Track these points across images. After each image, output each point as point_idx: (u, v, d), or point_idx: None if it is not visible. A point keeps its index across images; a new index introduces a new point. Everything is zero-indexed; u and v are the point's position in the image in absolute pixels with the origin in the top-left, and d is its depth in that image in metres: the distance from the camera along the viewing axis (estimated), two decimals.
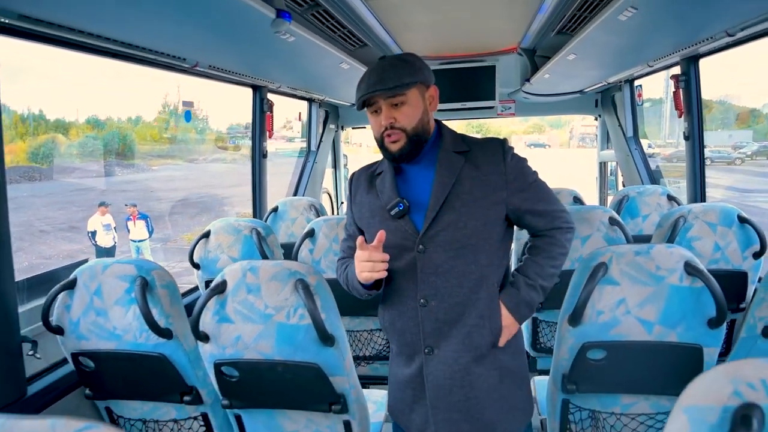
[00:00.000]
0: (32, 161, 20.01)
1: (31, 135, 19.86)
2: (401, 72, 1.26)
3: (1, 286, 1.45)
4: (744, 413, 0.62)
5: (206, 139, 25.11)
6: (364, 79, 1.29)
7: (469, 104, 3.95)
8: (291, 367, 1.41)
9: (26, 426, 0.61)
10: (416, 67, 1.30)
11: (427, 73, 1.32)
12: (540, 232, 1.36)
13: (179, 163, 23.28)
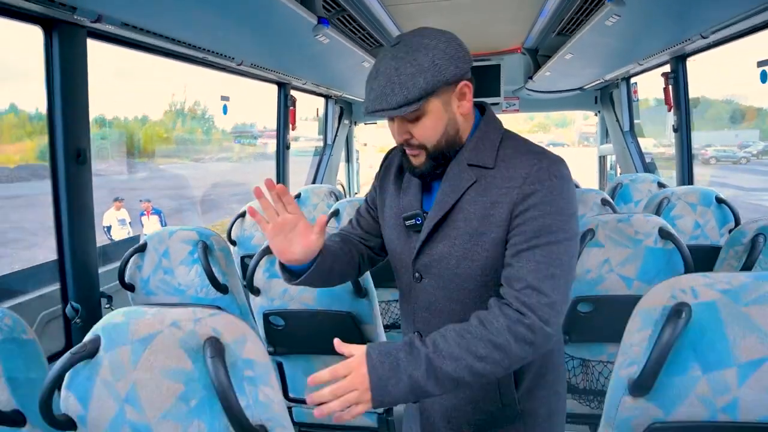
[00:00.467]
0: (41, 160, 20.25)
1: (39, 134, 20.13)
2: (411, 82, 0.93)
3: (85, 251, 1.74)
4: (677, 309, 0.90)
5: (212, 139, 25.40)
6: (368, 82, 0.99)
7: (476, 100, 4.21)
8: (329, 315, 1.68)
9: (174, 313, 0.89)
10: (436, 65, 0.94)
11: (454, 65, 0.96)
12: (503, 295, 0.96)
13: (186, 162, 23.60)
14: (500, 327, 0.91)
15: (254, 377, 0.85)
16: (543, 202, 0.95)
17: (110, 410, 0.88)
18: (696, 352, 0.91)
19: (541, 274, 0.93)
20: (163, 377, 0.85)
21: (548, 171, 0.96)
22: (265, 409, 0.86)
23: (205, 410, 0.86)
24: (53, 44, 1.57)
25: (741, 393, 0.91)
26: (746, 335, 0.89)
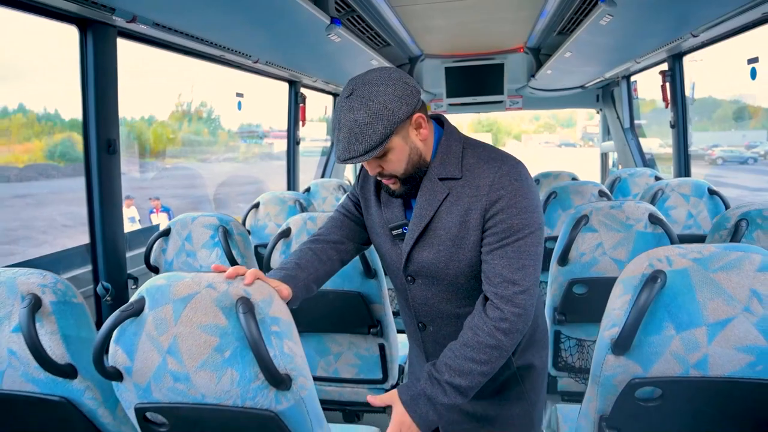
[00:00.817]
0: (49, 159, 20.46)
1: (47, 134, 20.36)
2: (371, 130, 1.04)
3: (114, 235, 1.87)
4: (653, 275, 1.02)
5: (218, 140, 25.53)
6: (334, 132, 1.10)
7: (480, 98, 4.33)
8: (340, 294, 1.80)
9: (210, 276, 1.02)
10: (389, 110, 1.05)
11: (405, 103, 1.07)
12: (484, 290, 1.13)
13: (192, 162, 23.77)
14: (489, 330, 1.09)
15: (280, 332, 0.98)
16: (508, 205, 1.10)
17: (154, 361, 1.00)
18: (670, 313, 1.03)
19: (513, 266, 1.10)
20: (200, 331, 0.98)
21: (509, 176, 1.11)
22: (290, 360, 0.98)
23: (237, 360, 0.98)
24: (87, 43, 1.71)
25: (710, 350, 1.02)
26: (714, 298, 1.01)
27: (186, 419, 1.05)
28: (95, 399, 1.16)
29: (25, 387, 1.14)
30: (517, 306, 1.09)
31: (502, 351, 1.10)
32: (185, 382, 1.00)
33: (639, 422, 1.14)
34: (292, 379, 0.99)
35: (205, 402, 1.02)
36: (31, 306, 1.07)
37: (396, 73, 1.10)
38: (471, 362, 1.08)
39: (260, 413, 1.00)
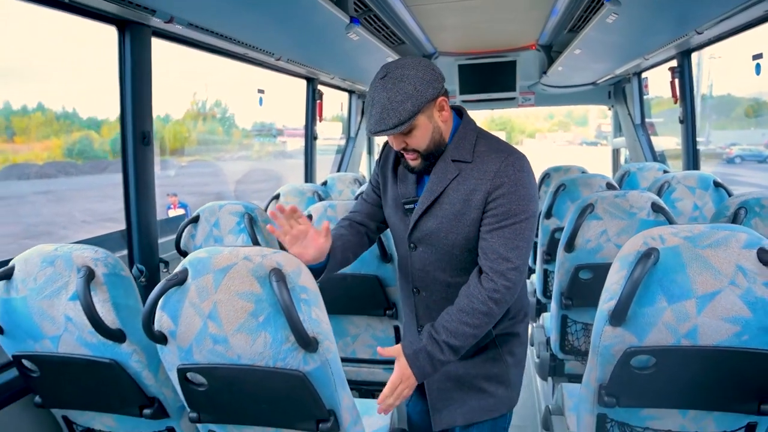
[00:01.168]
0: (68, 157, 20.82)
1: (66, 132, 20.74)
2: (401, 107, 1.17)
3: (147, 221, 2.00)
4: (647, 252, 1.12)
5: (232, 138, 25.75)
6: (367, 108, 1.23)
7: (493, 95, 4.42)
8: (358, 278, 1.92)
9: (245, 250, 1.13)
10: (417, 90, 1.19)
11: (432, 87, 1.22)
12: (480, 264, 1.28)
13: (207, 160, 24.06)
14: (483, 299, 1.24)
15: (308, 299, 1.09)
16: (509, 191, 1.24)
17: (196, 325, 1.13)
18: (662, 287, 1.13)
19: (508, 246, 1.25)
20: (237, 298, 1.10)
21: (513, 166, 1.25)
22: (317, 324, 1.10)
23: (270, 324, 1.10)
24: (126, 42, 1.84)
25: (699, 321, 1.12)
26: (702, 272, 1.10)
27: (223, 379, 1.17)
28: (140, 362, 1.29)
29: (79, 350, 1.28)
30: (508, 280, 1.24)
31: (491, 317, 1.26)
32: (223, 344, 1.12)
33: (635, 389, 1.24)
34: (319, 342, 1.10)
35: (241, 363, 1.14)
36: (86, 276, 1.20)
37: (425, 61, 1.25)
38: (465, 326, 1.23)
39: (290, 373, 1.12)
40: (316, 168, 3.89)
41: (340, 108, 4.68)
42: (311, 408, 1.17)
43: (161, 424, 1.41)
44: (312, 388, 1.14)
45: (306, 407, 1.17)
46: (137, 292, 1.31)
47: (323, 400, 1.17)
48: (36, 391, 1.40)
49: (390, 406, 1.26)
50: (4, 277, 1.27)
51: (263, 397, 1.18)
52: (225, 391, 1.19)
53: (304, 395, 1.14)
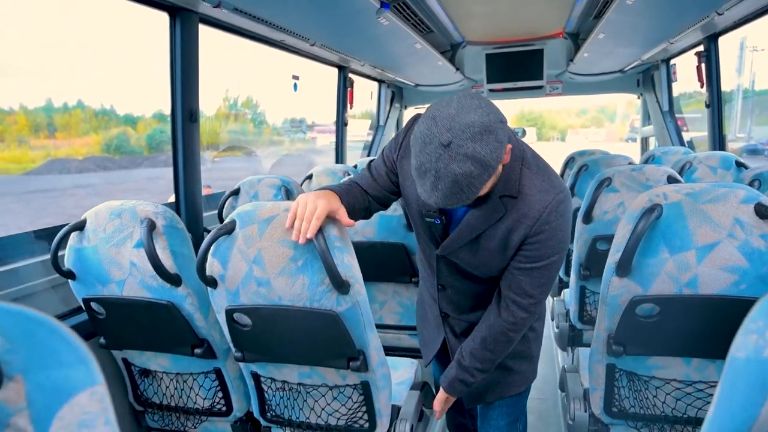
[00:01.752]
0: (106, 152, 21.57)
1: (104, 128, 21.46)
2: (476, 182, 1.04)
3: (193, 192, 2.18)
4: (651, 208, 1.22)
5: (263, 134, 26.26)
6: (424, 177, 1.06)
7: (520, 84, 4.48)
8: (385, 245, 2.05)
9: (286, 203, 1.28)
10: (495, 159, 1.03)
11: (505, 143, 1.06)
12: (500, 291, 1.32)
13: (238, 155, 24.63)
14: (502, 329, 1.32)
15: (341, 247, 1.23)
16: (548, 238, 1.22)
17: (242, 270, 1.28)
18: (665, 239, 1.23)
19: (535, 284, 1.28)
20: (279, 245, 1.25)
21: (556, 212, 1.20)
22: (348, 269, 1.24)
23: (307, 268, 1.25)
24: (176, 28, 2.02)
25: (699, 270, 1.22)
26: (702, 225, 1.20)
27: (265, 318, 1.32)
28: (193, 304, 1.46)
29: (140, 293, 1.45)
30: (527, 312, 1.30)
31: (511, 342, 1.36)
32: (266, 287, 1.28)
33: (640, 338, 1.34)
34: (350, 285, 1.24)
35: (281, 304, 1.29)
36: (149, 227, 1.37)
37: (488, 107, 1.07)
38: (489, 352, 1.35)
39: (324, 312, 1.27)
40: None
41: (370, 96, 4.82)
42: (343, 346, 1.31)
43: (209, 365, 1.58)
44: (343, 327, 1.28)
45: (338, 345, 1.32)
46: (191, 242, 1.48)
47: (353, 340, 1.31)
48: (101, 333, 1.59)
49: (443, 411, 1.50)
50: (76, 228, 1.45)
51: (300, 336, 1.33)
52: (267, 330, 1.34)
53: (336, 333, 1.29)
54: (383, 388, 1.43)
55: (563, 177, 3.36)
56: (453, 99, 1.08)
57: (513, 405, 1.57)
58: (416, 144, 1.07)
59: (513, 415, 1.58)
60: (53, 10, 6.28)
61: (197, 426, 1.69)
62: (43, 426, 0.45)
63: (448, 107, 1.06)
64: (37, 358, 0.46)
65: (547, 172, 1.25)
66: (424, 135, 1.05)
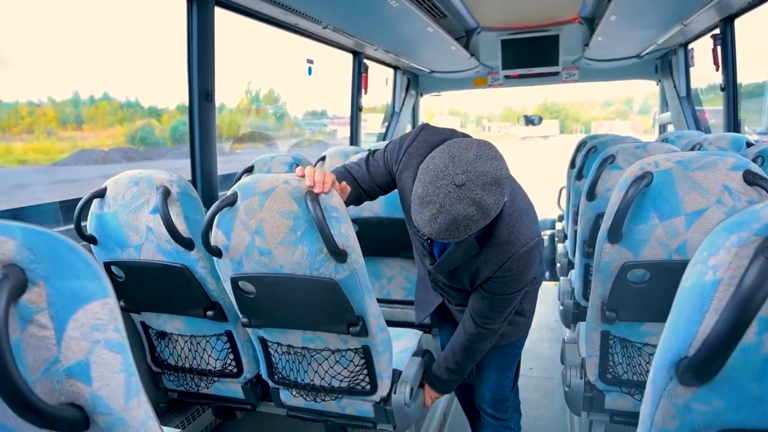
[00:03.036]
0: (130, 143, 22.19)
1: (129, 120, 22.15)
2: (473, 226, 1.13)
3: (208, 170, 2.28)
4: (642, 175, 1.26)
5: (284, 127, 26.38)
6: (425, 208, 1.13)
7: (536, 70, 4.47)
8: (392, 221, 2.11)
9: (285, 175, 1.35)
10: (494, 209, 1.14)
11: (504, 196, 1.15)
12: (469, 313, 1.50)
13: (259, 147, 24.99)
14: (467, 345, 1.52)
15: (338, 217, 1.28)
16: (510, 279, 1.36)
17: (244, 240, 1.34)
18: (655, 206, 1.27)
19: (492, 309, 1.44)
20: (279, 216, 1.30)
21: (519, 262, 1.33)
22: (345, 238, 1.28)
23: (306, 238, 1.30)
24: (193, 10, 2.10)
25: (688, 236, 1.25)
26: (691, 192, 1.23)
27: (268, 286, 1.38)
28: (205, 268, 1.54)
29: (156, 257, 1.55)
30: (485, 328, 1.48)
31: (476, 351, 1.53)
32: (268, 256, 1.34)
33: (632, 303, 1.38)
34: (347, 253, 1.29)
35: (283, 272, 1.35)
36: (164, 193, 1.46)
37: (501, 161, 1.16)
38: (457, 356, 1.55)
39: (324, 280, 1.32)
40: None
41: (385, 83, 4.87)
42: (342, 312, 1.37)
43: (221, 328, 1.67)
44: (342, 294, 1.34)
45: (338, 311, 1.38)
46: (203, 209, 1.56)
47: (353, 306, 1.37)
48: (120, 297, 1.68)
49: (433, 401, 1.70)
50: (98, 195, 1.55)
51: (302, 302, 1.39)
52: (270, 297, 1.41)
53: (336, 300, 1.35)
54: (383, 353, 1.50)
55: (574, 161, 3.37)
56: (473, 144, 1.16)
57: (505, 353, 1.69)
58: (427, 174, 1.13)
59: (505, 363, 1.71)
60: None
61: (210, 386, 1.78)
62: (61, 324, 0.53)
63: (467, 151, 1.13)
64: (57, 268, 0.53)
65: (518, 223, 1.33)
66: (438, 169, 1.12)
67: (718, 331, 0.47)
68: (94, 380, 0.53)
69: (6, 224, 0.54)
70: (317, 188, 1.25)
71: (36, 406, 0.50)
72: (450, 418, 2.44)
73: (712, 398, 0.52)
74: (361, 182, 1.49)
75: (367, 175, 1.48)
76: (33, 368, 0.53)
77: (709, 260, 0.50)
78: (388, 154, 1.46)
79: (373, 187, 1.50)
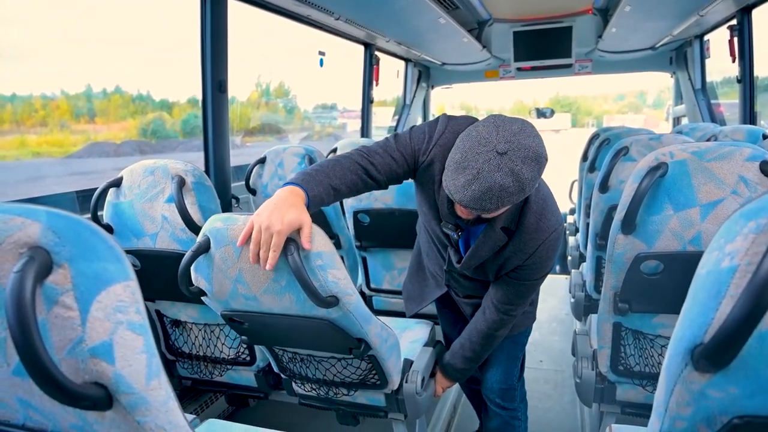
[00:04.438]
0: (142, 136, 22.36)
1: (141, 113, 22.31)
2: (507, 199, 1.11)
3: (221, 161, 2.30)
4: (657, 166, 1.25)
5: (294, 119, 26.45)
6: (460, 172, 1.11)
7: (548, 62, 4.43)
8: (403, 212, 2.12)
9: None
10: (530, 185, 1.12)
11: (540, 176, 1.15)
12: (487, 297, 1.52)
13: (270, 140, 25.05)
14: (488, 332, 1.53)
15: (323, 264, 1.13)
16: (536, 264, 1.38)
17: (227, 287, 1.23)
18: (670, 197, 1.26)
19: (516, 295, 1.46)
20: (258, 268, 1.15)
21: (547, 249, 1.35)
22: (334, 285, 1.15)
23: (292, 287, 1.18)
24: (206, 3, 2.11)
25: (703, 227, 1.25)
26: (706, 182, 1.22)
27: (260, 322, 1.30)
28: None
29: (171, 246, 1.56)
30: (509, 315, 1.50)
31: (496, 338, 1.55)
32: (254, 302, 1.24)
33: (645, 295, 1.37)
34: (339, 299, 1.18)
35: (273, 312, 1.26)
36: (179, 183, 1.48)
37: (542, 142, 1.15)
38: (476, 345, 1.56)
39: (317, 319, 1.24)
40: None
41: (396, 75, 4.86)
42: (341, 341, 1.30)
43: None
44: (338, 329, 1.26)
45: (336, 341, 1.31)
46: (217, 198, 1.58)
47: (351, 335, 1.29)
48: None
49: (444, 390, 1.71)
50: (114, 185, 1.57)
51: (297, 335, 1.33)
52: (263, 329, 1.35)
53: (333, 333, 1.27)
54: (389, 359, 1.45)
55: (587, 153, 3.35)
56: (517, 120, 1.15)
57: (514, 343, 1.71)
58: (468, 140, 1.12)
59: (513, 352, 1.73)
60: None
61: (223, 374, 1.80)
62: (85, 306, 0.54)
63: (512, 124, 1.13)
64: (81, 251, 0.55)
65: (545, 210, 1.34)
66: (481, 136, 1.11)
67: (734, 317, 0.47)
68: (117, 360, 0.55)
69: (31, 208, 0.55)
70: (262, 266, 1.10)
71: (62, 384, 0.52)
72: (460, 408, 2.46)
73: (727, 385, 0.52)
74: (381, 169, 1.34)
75: (393, 163, 1.36)
76: (59, 348, 0.54)
77: (726, 247, 0.50)
78: (416, 141, 1.36)
79: (392, 176, 1.38)
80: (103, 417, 0.57)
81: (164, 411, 0.59)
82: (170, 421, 0.61)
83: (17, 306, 0.49)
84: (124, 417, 0.57)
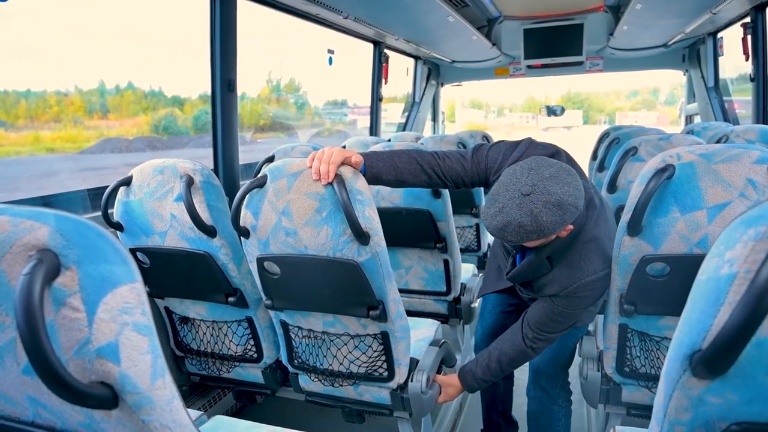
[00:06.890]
0: (154, 132, 22.68)
1: (153, 109, 22.65)
2: (547, 229, 1.20)
3: (230, 158, 2.31)
4: (663, 167, 1.24)
5: (305, 116, 26.53)
6: (490, 202, 1.25)
7: (559, 59, 4.40)
8: (411, 211, 2.12)
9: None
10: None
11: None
12: (526, 321, 1.55)
13: (280, 136, 25.19)
14: (521, 348, 1.55)
15: (362, 200, 1.31)
16: (571, 300, 1.43)
17: (272, 220, 1.38)
18: (676, 199, 1.25)
19: (555, 321, 1.49)
20: (306, 197, 1.34)
21: (584, 289, 1.40)
22: (369, 221, 1.32)
23: (331, 219, 1.34)
24: (215, 5, 2.13)
25: (710, 230, 1.24)
26: (714, 185, 1.22)
27: (292, 266, 1.42)
28: (227, 255, 1.58)
29: (180, 244, 1.58)
30: (545, 339, 1.53)
31: (528, 357, 1.57)
32: (293, 236, 1.38)
33: (651, 297, 1.37)
34: (370, 236, 1.33)
35: (307, 253, 1.39)
36: (187, 182, 1.49)
37: (576, 191, 1.23)
38: (505, 358, 1.57)
39: (346, 261, 1.36)
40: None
41: (406, 72, 4.85)
42: (363, 295, 1.41)
43: (242, 314, 1.70)
44: (364, 276, 1.37)
45: (359, 294, 1.41)
46: (225, 197, 1.59)
47: (373, 290, 1.39)
48: (145, 283, 1.73)
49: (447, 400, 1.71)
50: (124, 183, 1.59)
51: (324, 284, 1.42)
52: (294, 278, 1.45)
53: (357, 282, 1.38)
54: (401, 339, 1.52)
55: (596, 152, 3.33)
56: (555, 165, 1.24)
57: (569, 334, 1.71)
58: (505, 176, 1.26)
59: (566, 342, 1.76)
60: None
61: (231, 371, 1.83)
62: (92, 307, 0.55)
63: (546, 169, 1.23)
64: (88, 253, 0.56)
65: (592, 252, 1.40)
66: (515, 175, 1.23)
67: (731, 324, 0.47)
68: (123, 360, 0.56)
69: (40, 211, 0.57)
70: (322, 180, 1.30)
71: (69, 383, 0.53)
72: (466, 408, 2.46)
73: (726, 391, 0.52)
74: (446, 170, 1.46)
75: (462, 170, 1.47)
76: (66, 348, 0.55)
77: (725, 254, 0.51)
78: (491, 160, 1.46)
79: (458, 180, 1.49)
80: (110, 416, 0.59)
81: (169, 410, 0.61)
82: (174, 420, 0.62)
83: (26, 307, 0.50)
84: (130, 416, 0.58)
